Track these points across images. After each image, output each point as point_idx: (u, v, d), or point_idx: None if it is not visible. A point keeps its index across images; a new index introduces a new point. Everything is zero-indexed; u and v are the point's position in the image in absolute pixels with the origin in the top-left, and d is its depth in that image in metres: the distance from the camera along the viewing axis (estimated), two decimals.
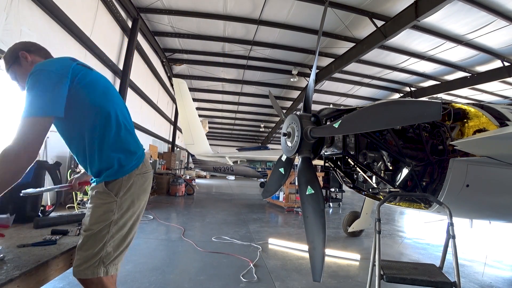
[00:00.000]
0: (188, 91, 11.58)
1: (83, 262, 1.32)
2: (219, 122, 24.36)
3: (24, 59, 1.46)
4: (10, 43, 4.97)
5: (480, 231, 5.18)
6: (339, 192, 9.05)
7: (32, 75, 1.26)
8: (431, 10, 6.20)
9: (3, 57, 1.50)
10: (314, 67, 2.39)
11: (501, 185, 2.43)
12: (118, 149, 1.43)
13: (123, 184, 1.42)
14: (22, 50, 1.46)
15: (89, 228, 1.35)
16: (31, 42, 1.55)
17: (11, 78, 1.52)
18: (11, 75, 1.50)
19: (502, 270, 3.65)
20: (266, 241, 4.29)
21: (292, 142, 2.17)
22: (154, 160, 10.62)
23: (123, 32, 8.85)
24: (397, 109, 1.55)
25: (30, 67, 1.36)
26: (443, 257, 2.11)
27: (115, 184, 1.40)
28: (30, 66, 1.41)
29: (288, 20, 8.85)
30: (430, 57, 10.13)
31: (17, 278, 1.04)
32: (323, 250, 1.75)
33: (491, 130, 2.31)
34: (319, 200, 1.89)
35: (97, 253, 1.33)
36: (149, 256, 3.40)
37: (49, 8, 5.37)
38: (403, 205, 2.75)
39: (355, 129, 2.01)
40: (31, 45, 1.53)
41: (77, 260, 1.33)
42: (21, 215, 1.81)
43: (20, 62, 1.46)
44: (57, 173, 2.12)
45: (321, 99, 15.14)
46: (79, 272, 1.31)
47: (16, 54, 1.46)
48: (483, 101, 6.91)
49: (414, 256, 4.06)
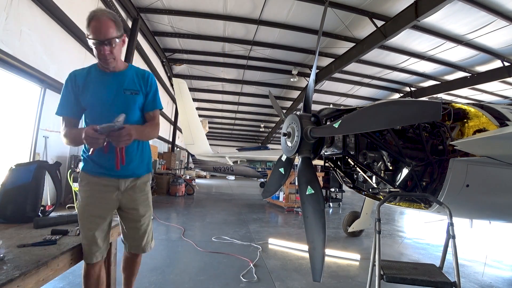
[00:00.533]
0: (188, 91, 11.57)
1: (151, 240, 1.92)
2: (219, 122, 24.36)
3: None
4: (10, 43, 4.98)
5: (480, 231, 5.18)
6: (339, 192, 9.05)
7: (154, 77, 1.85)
8: (431, 10, 6.20)
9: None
10: (314, 67, 2.39)
11: (501, 185, 2.43)
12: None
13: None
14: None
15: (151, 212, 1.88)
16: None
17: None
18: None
19: (502, 270, 3.65)
20: (266, 241, 4.29)
21: (292, 142, 2.17)
22: (154, 160, 10.61)
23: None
24: (397, 109, 1.55)
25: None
26: (443, 257, 2.11)
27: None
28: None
29: (288, 20, 8.85)
30: (430, 57, 10.13)
31: (17, 278, 1.04)
32: (323, 250, 1.75)
33: (491, 130, 2.31)
34: (319, 200, 1.89)
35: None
36: (149, 256, 3.39)
37: (49, 8, 5.37)
38: (403, 205, 2.75)
39: (355, 129, 2.01)
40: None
41: (150, 237, 1.89)
42: (21, 215, 1.81)
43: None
44: (57, 173, 2.12)
45: (321, 99, 15.14)
46: (150, 247, 1.90)
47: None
48: (483, 101, 6.92)
49: (414, 256, 4.06)
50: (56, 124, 5.92)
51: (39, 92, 5.45)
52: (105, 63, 1.59)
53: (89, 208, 1.63)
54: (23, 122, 5.30)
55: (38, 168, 1.98)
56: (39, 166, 2.00)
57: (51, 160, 5.53)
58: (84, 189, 1.67)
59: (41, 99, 5.45)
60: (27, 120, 5.32)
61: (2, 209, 1.78)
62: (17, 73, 4.82)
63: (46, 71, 5.45)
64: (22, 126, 5.29)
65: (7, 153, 4.92)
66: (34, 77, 5.18)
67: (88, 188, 1.66)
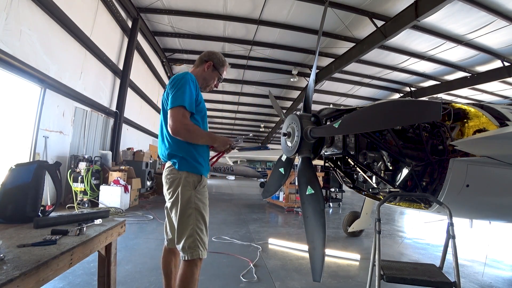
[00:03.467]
0: None
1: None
2: (219, 122, 24.36)
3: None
4: (10, 43, 4.98)
5: (480, 231, 5.18)
6: (339, 192, 9.04)
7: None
8: (431, 10, 6.20)
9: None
10: (314, 67, 2.39)
11: (501, 185, 2.43)
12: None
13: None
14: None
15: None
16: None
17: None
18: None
19: (502, 270, 3.64)
20: (266, 241, 4.28)
21: (292, 142, 2.17)
22: (154, 160, 10.61)
23: (123, 32, 8.85)
24: (397, 109, 1.55)
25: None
26: (443, 257, 2.11)
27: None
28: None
29: (288, 20, 8.85)
30: (430, 57, 10.13)
31: (17, 278, 1.03)
32: (323, 250, 1.75)
33: (491, 130, 2.30)
34: (319, 200, 1.89)
35: None
36: (149, 256, 3.40)
37: (49, 8, 5.37)
38: (403, 205, 2.75)
39: (355, 129, 2.01)
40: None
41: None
42: (21, 215, 1.81)
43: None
44: (57, 173, 2.12)
45: (321, 99, 15.15)
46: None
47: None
48: (483, 101, 6.92)
49: (414, 256, 4.06)
50: (56, 124, 5.93)
51: (39, 92, 5.45)
52: (208, 90, 2.12)
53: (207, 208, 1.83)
54: (23, 122, 5.30)
55: (38, 168, 1.97)
56: (39, 166, 1.99)
57: (51, 160, 5.53)
58: (204, 190, 1.83)
59: (41, 99, 5.46)
60: (27, 120, 5.32)
61: (2, 209, 1.78)
62: (17, 73, 4.82)
63: (46, 71, 5.46)
64: (22, 126, 5.29)
65: (7, 153, 4.92)
66: (34, 77, 5.18)
67: (205, 190, 1.86)
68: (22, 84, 5.06)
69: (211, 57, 2.02)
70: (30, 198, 1.87)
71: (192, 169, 1.77)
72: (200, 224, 1.73)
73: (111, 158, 7.19)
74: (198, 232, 1.70)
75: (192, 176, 1.76)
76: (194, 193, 1.74)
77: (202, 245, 1.71)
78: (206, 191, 1.85)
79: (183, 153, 1.76)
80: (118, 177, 6.35)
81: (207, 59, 2.00)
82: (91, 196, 5.96)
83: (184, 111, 1.68)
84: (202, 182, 1.80)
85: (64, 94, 6.15)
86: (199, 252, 1.68)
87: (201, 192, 1.78)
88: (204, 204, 1.78)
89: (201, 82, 1.99)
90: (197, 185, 1.77)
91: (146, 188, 8.75)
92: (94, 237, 1.60)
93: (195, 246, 1.67)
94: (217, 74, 2.04)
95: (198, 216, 1.73)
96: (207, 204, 1.83)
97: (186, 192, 1.72)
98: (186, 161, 1.76)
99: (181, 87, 1.71)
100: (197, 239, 1.69)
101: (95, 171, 6.17)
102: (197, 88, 1.84)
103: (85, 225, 1.73)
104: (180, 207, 1.70)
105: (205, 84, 2.03)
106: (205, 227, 1.77)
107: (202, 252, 1.70)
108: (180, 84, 1.72)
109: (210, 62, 1.99)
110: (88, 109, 7.21)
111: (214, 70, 2.01)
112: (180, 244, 1.69)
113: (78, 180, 5.89)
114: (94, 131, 7.65)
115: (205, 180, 1.85)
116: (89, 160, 6.38)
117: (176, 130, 1.65)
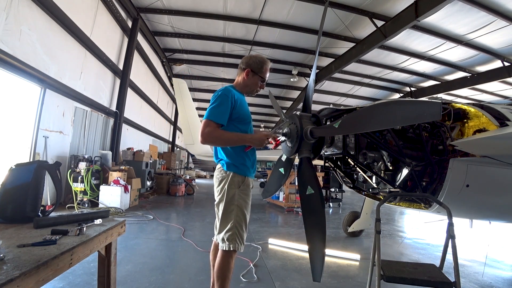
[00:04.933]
0: (188, 91, 11.52)
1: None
2: None
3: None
4: (10, 43, 4.98)
5: (480, 231, 5.18)
6: (339, 192, 9.05)
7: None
8: (431, 10, 6.20)
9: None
10: (314, 67, 2.39)
11: (501, 185, 2.42)
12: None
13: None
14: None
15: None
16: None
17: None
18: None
19: (502, 270, 3.64)
20: (266, 241, 4.29)
21: (292, 142, 2.17)
22: (154, 160, 10.61)
23: (123, 32, 8.85)
24: (397, 109, 1.54)
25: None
26: (443, 257, 2.11)
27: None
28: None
29: (288, 20, 8.85)
30: (430, 57, 10.13)
31: (17, 278, 1.04)
32: (323, 250, 1.75)
33: (491, 130, 2.30)
34: (319, 200, 1.89)
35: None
36: (149, 256, 3.40)
37: (49, 8, 5.36)
38: (403, 205, 2.75)
39: (355, 129, 2.01)
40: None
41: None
42: (21, 215, 1.81)
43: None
44: (57, 173, 2.12)
45: (321, 99, 15.15)
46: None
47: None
48: (483, 101, 6.91)
49: (414, 256, 4.06)
50: (56, 124, 5.93)
51: (39, 92, 5.45)
52: (254, 93, 2.18)
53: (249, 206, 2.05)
54: (23, 122, 5.30)
55: (38, 168, 1.97)
56: (39, 166, 1.99)
57: (51, 160, 5.53)
58: (246, 189, 2.03)
59: (41, 99, 5.46)
60: (27, 120, 5.32)
61: (2, 209, 1.78)
62: (17, 73, 4.82)
63: (46, 71, 5.46)
64: (22, 126, 5.29)
65: (7, 153, 4.92)
66: (34, 77, 5.18)
67: (248, 190, 2.05)
68: (22, 84, 5.06)
69: (248, 63, 2.10)
70: (30, 198, 1.87)
71: (237, 170, 1.99)
72: (240, 220, 1.93)
73: (111, 158, 7.19)
74: (237, 227, 1.91)
75: (237, 177, 1.99)
76: (238, 192, 1.97)
77: (240, 240, 1.91)
78: (249, 191, 2.05)
79: (228, 156, 2.00)
80: (118, 177, 6.36)
81: (245, 67, 2.10)
82: (91, 196, 5.96)
83: (210, 122, 1.88)
84: (245, 182, 2.01)
85: (64, 94, 6.15)
86: (236, 245, 1.88)
87: (244, 191, 1.99)
88: (246, 203, 1.99)
89: (245, 89, 2.14)
90: (240, 184, 1.99)
91: (146, 188, 8.75)
92: (94, 237, 1.60)
93: (233, 239, 1.88)
94: (259, 78, 2.12)
95: (239, 213, 1.94)
96: (249, 203, 2.04)
97: (230, 190, 1.95)
98: (232, 163, 1.99)
99: (213, 102, 1.94)
100: (236, 233, 1.89)
101: (95, 171, 6.17)
102: (234, 99, 1.97)
103: (85, 225, 1.73)
104: (224, 203, 1.94)
105: (249, 90, 2.15)
106: (245, 224, 1.97)
107: (239, 246, 1.90)
108: (213, 100, 1.95)
109: (248, 69, 2.08)
110: (88, 109, 7.21)
111: (254, 75, 2.10)
112: (221, 235, 1.91)
113: (78, 180, 5.89)
114: (94, 131, 7.65)
115: (248, 180, 2.04)
116: (89, 160, 6.38)
117: (201, 140, 1.89)
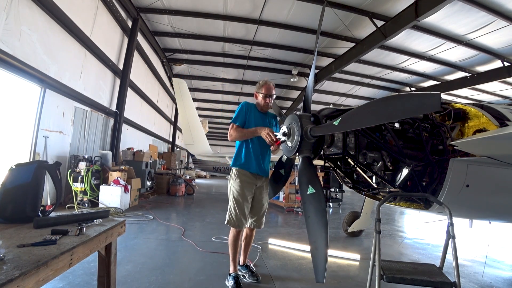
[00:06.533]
0: (188, 91, 11.57)
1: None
2: (219, 122, 24.38)
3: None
4: (10, 43, 4.98)
5: (480, 231, 5.18)
6: (339, 192, 9.05)
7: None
8: (431, 10, 6.19)
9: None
10: (313, 67, 2.39)
11: (501, 185, 2.43)
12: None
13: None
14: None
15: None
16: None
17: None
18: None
19: (502, 270, 3.64)
20: (266, 241, 4.28)
21: (292, 142, 2.17)
22: (154, 160, 10.61)
23: (123, 32, 8.85)
24: (397, 102, 1.53)
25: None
26: (443, 257, 2.11)
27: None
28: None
29: (288, 20, 8.85)
30: (430, 57, 10.13)
31: (17, 278, 1.03)
32: (325, 250, 1.74)
33: (491, 130, 2.30)
34: (320, 199, 1.89)
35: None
36: (149, 256, 3.40)
37: (49, 8, 5.36)
38: (403, 205, 2.75)
39: (355, 125, 1.99)
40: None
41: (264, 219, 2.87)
42: (21, 215, 1.81)
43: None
44: (57, 173, 2.12)
45: (321, 99, 15.15)
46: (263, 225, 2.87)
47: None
48: (483, 101, 6.92)
49: (414, 256, 4.06)
50: (56, 124, 5.93)
51: (39, 92, 5.45)
52: (266, 108, 2.79)
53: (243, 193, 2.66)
54: (23, 122, 5.29)
55: (38, 168, 1.97)
56: (39, 166, 1.99)
57: (51, 160, 5.53)
58: (239, 180, 2.66)
59: (41, 99, 5.46)
60: (27, 120, 5.32)
61: (2, 209, 1.77)
62: (17, 73, 4.82)
63: (46, 71, 5.46)
64: (22, 126, 5.28)
65: (7, 153, 4.92)
66: (34, 77, 5.18)
67: (241, 180, 2.66)
68: (22, 84, 5.06)
69: (255, 88, 2.83)
70: (30, 198, 1.87)
71: (233, 163, 2.72)
72: (233, 205, 2.63)
73: (111, 158, 7.19)
74: (231, 210, 2.66)
75: (233, 170, 2.70)
76: (232, 182, 2.67)
77: (233, 220, 2.62)
78: (241, 179, 2.63)
79: (234, 153, 2.73)
80: (118, 177, 6.35)
81: (255, 91, 2.83)
82: (91, 196, 5.96)
83: (233, 124, 2.67)
84: (237, 173, 2.65)
85: (64, 94, 6.15)
86: (229, 221, 2.66)
87: (235, 181, 2.64)
88: (237, 191, 2.62)
89: (259, 107, 2.79)
90: (233, 176, 2.67)
91: (146, 188, 8.75)
92: (94, 237, 1.60)
93: (229, 218, 2.67)
94: (261, 95, 2.76)
95: (233, 199, 2.65)
96: (244, 190, 2.62)
97: (229, 181, 2.73)
98: (233, 158, 2.75)
99: (236, 111, 2.72)
100: (229, 214, 2.67)
101: (95, 171, 6.17)
102: (248, 110, 2.69)
103: (85, 225, 1.73)
104: (228, 192, 2.72)
105: (261, 106, 2.78)
106: (239, 207, 2.60)
107: (232, 223, 2.63)
108: (237, 109, 2.74)
109: (255, 92, 2.83)
110: (88, 109, 7.21)
111: (258, 94, 2.79)
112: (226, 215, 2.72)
113: (78, 180, 5.89)
114: (94, 131, 7.65)
115: (241, 172, 2.64)
116: (89, 160, 6.38)
117: (228, 137, 2.67)
